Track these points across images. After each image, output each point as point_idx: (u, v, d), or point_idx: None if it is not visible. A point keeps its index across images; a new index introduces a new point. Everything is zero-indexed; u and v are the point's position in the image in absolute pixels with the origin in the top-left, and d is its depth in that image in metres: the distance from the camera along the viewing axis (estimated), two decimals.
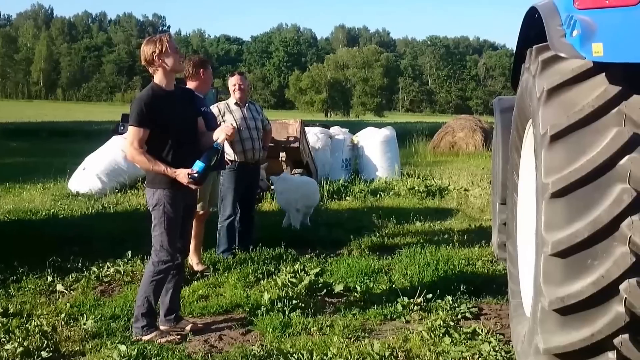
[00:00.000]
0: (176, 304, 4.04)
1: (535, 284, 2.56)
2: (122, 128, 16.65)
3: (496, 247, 5.14)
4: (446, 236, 6.46)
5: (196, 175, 3.67)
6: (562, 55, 2.42)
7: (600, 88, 2.39)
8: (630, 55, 2.29)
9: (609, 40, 2.31)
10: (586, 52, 2.31)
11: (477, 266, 5.34)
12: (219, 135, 3.87)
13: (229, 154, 5.71)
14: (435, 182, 10.39)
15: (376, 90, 79.67)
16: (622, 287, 2.26)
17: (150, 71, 3.76)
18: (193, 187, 3.76)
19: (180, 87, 3.95)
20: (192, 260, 5.25)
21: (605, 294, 2.29)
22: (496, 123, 4.99)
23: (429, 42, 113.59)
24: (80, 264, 5.27)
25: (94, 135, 20.07)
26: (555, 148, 2.40)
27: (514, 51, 3.60)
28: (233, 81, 5.77)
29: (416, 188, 9.69)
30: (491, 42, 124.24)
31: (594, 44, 2.30)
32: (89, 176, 9.30)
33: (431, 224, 7.28)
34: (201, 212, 5.13)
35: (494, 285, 4.78)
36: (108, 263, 5.29)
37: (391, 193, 9.54)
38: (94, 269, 5.14)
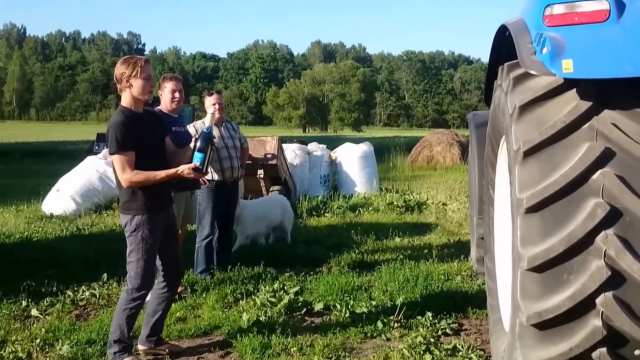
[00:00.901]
0: (160, 326, 3.97)
1: (512, 299, 2.56)
2: (97, 148, 16.44)
3: (475, 262, 5.16)
4: (425, 251, 6.47)
5: (200, 166, 3.67)
6: (533, 72, 2.45)
7: (571, 104, 2.42)
8: (600, 71, 2.32)
9: (579, 57, 2.34)
10: (556, 69, 2.34)
11: (456, 281, 5.35)
12: (205, 121, 3.79)
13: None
14: (413, 197, 10.44)
15: (353, 105, 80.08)
16: (598, 300, 2.27)
17: (118, 90, 3.69)
18: (204, 180, 3.70)
19: (146, 109, 3.90)
20: None
21: (582, 308, 2.29)
22: (471, 138, 5.03)
23: (404, 57, 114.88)
24: (55, 288, 5.15)
25: (68, 156, 19.81)
26: (528, 164, 2.42)
27: (487, 67, 3.65)
28: (212, 100, 5.71)
29: (395, 203, 9.72)
30: (466, 56, 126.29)
31: (563, 61, 2.33)
32: (63, 197, 9.13)
33: (410, 239, 7.29)
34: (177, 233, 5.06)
35: (474, 300, 4.79)
36: (83, 286, 5.18)
37: (370, 208, 9.56)
38: (69, 292, 5.03)
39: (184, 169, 3.63)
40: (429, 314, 4.39)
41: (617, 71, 2.29)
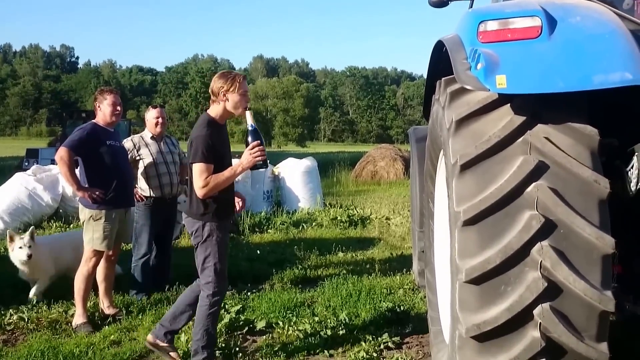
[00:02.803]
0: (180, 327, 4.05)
1: (452, 311, 2.56)
2: (26, 164, 15.58)
3: (417, 275, 5.20)
4: (368, 266, 6.48)
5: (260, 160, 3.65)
6: (468, 87, 2.47)
7: (505, 118, 2.45)
8: (532, 86, 2.36)
9: (512, 73, 2.37)
10: (490, 84, 2.37)
11: (398, 295, 5.36)
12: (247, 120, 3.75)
13: (144, 189, 5.49)
14: (357, 212, 10.47)
15: (297, 121, 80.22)
16: (536, 312, 2.29)
17: (210, 102, 3.71)
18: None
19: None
20: (103, 303, 4.95)
21: (520, 319, 2.31)
22: (412, 152, 5.09)
23: (348, 73, 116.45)
24: None
25: None
26: (465, 177, 2.44)
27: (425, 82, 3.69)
28: (154, 114, 5.57)
29: (339, 218, 9.73)
30: (408, 72, 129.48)
31: (497, 76, 2.36)
32: None
33: (353, 254, 7.29)
34: (110, 252, 4.85)
35: (416, 313, 4.81)
36: (11, 310, 4.88)
37: (314, 224, 9.52)
38: None
39: (243, 158, 3.61)
40: (372, 328, 4.37)
41: (549, 86, 2.34)
